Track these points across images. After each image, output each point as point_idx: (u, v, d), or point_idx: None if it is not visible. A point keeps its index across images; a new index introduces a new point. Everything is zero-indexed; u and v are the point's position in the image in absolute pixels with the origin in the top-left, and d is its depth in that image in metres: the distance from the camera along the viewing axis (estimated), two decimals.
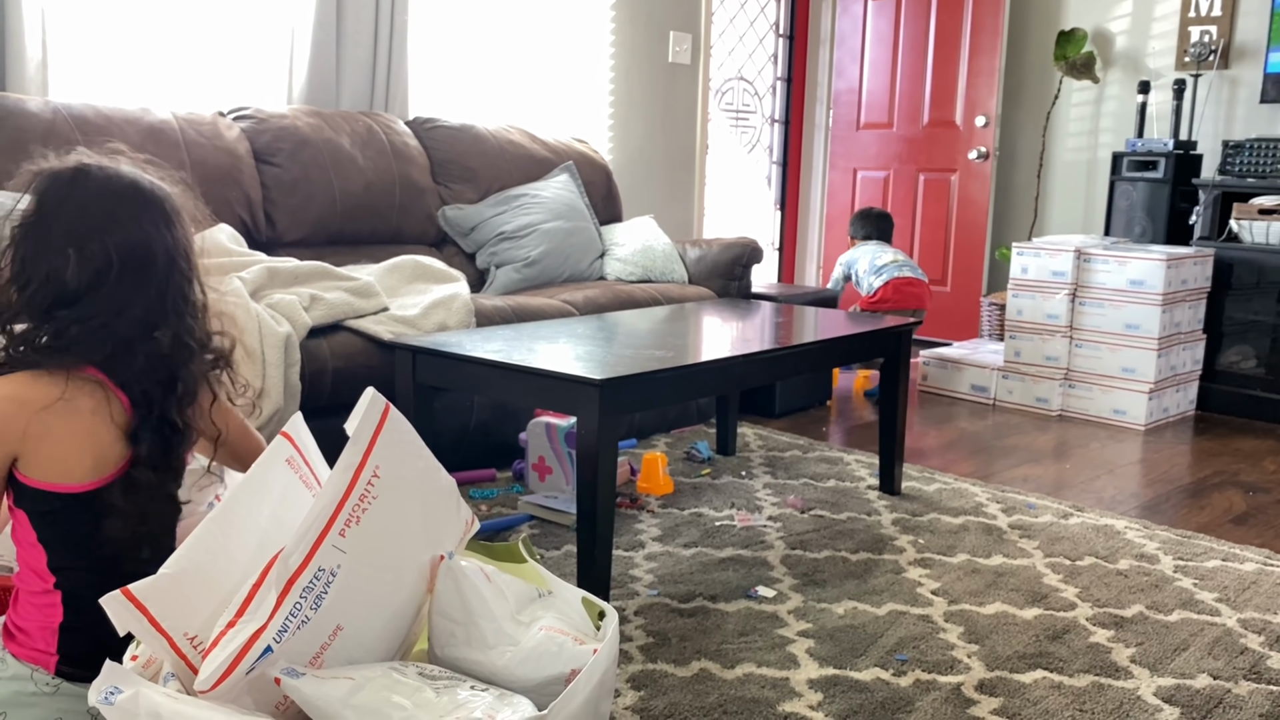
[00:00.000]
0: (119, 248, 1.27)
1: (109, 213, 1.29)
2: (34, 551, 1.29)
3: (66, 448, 1.24)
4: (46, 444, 1.23)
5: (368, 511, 1.15)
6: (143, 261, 1.28)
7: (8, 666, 1.30)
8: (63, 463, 1.24)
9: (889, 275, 4.24)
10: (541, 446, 2.79)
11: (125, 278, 1.27)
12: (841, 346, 2.68)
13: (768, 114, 5.61)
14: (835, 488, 2.94)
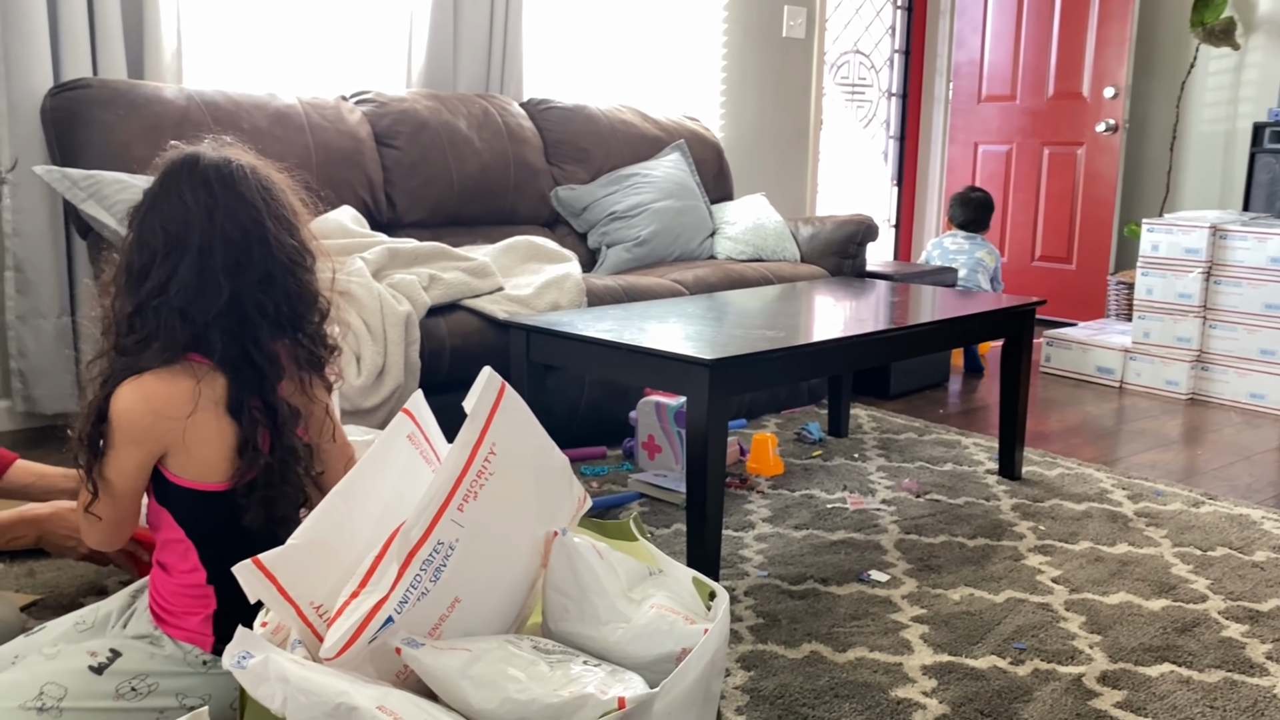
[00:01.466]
0: (166, 223, 1.28)
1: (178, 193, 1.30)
2: (182, 547, 1.35)
3: (209, 445, 1.29)
4: (192, 443, 1.28)
5: (485, 487, 1.18)
6: (184, 237, 1.28)
7: (164, 646, 1.37)
8: (206, 461, 1.30)
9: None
10: (651, 425, 2.80)
11: (180, 256, 1.28)
12: (959, 327, 2.61)
13: (884, 88, 5.48)
14: (952, 471, 2.87)
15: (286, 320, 1.35)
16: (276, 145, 2.98)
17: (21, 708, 1.28)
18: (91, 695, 1.32)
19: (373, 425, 2.48)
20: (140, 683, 1.35)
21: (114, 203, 2.59)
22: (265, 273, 1.32)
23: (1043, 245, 5.27)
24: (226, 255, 1.29)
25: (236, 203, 1.32)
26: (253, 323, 1.31)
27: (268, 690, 1.05)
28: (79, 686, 1.31)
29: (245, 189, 1.34)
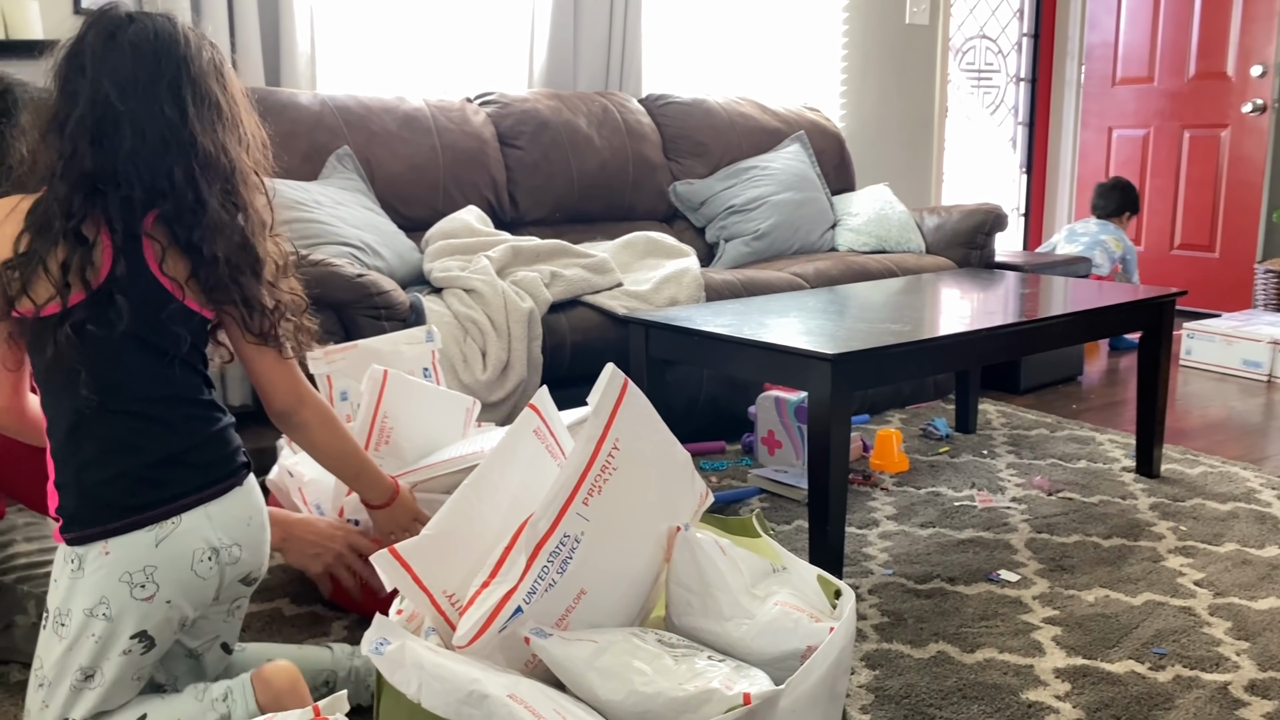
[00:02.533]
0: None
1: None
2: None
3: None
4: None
5: (609, 481, 1.19)
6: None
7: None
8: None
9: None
10: (771, 420, 2.78)
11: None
12: (1094, 319, 2.52)
13: (1012, 73, 5.32)
14: (1086, 469, 2.77)
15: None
16: (405, 148, 3.08)
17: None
18: (47, 648, 1.34)
19: (497, 419, 2.54)
20: (60, 615, 1.33)
21: None
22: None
23: (1183, 233, 5.03)
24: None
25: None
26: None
27: (404, 676, 1.09)
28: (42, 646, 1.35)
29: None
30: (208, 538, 1.35)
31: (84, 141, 1.27)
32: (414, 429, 1.87)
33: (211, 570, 1.36)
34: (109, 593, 1.31)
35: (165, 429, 1.34)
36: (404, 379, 1.88)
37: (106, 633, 1.32)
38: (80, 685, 1.33)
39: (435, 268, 2.77)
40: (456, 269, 2.73)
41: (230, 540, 1.37)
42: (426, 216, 3.07)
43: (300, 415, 1.48)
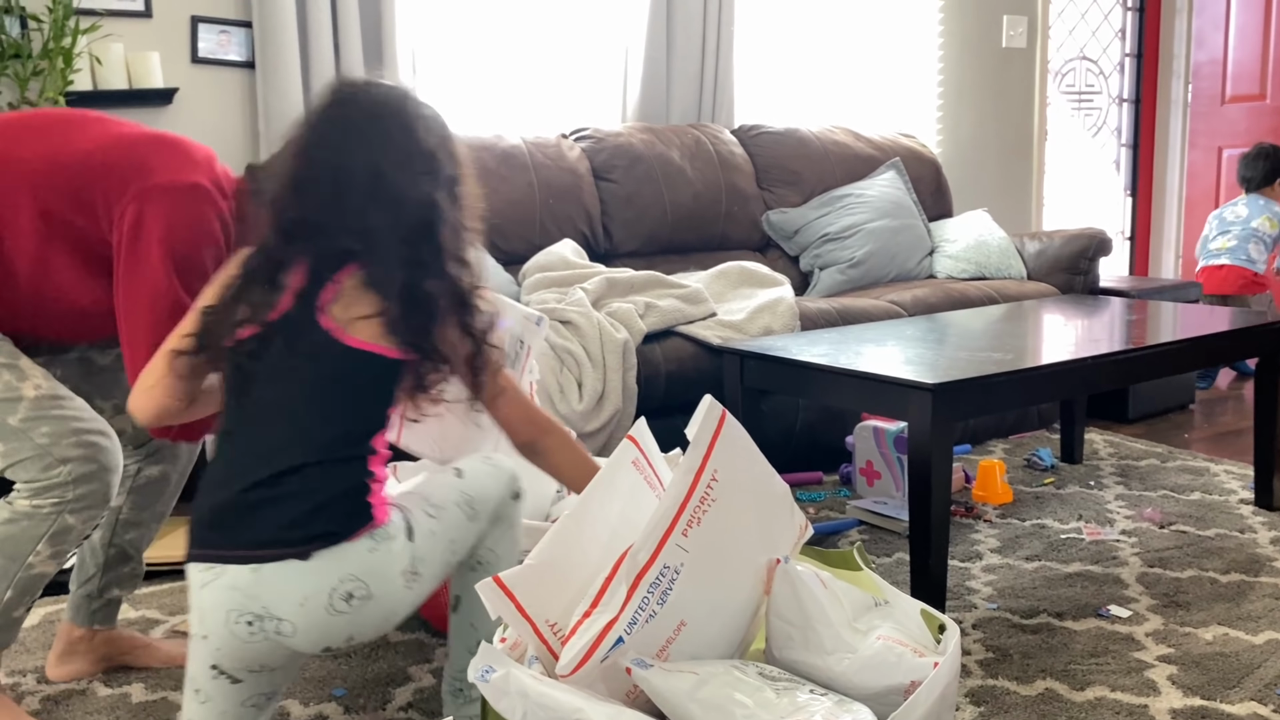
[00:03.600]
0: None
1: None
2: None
3: None
4: None
5: (708, 513, 1.20)
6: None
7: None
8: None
9: (1205, 260, 4.23)
10: (869, 451, 2.75)
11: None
12: (1205, 346, 2.43)
13: (1115, 93, 5.19)
14: (1200, 501, 2.67)
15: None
16: (503, 185, 3.15)
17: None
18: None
19: (593, 449, 2.56)
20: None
21: None
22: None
23: None
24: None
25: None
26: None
27: (509, 704, 1.10)
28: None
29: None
30: (242, 603, 1.27)
31: (300, 195, 1.36)
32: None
33: (254, 635, 1.28)
34: (196, 617, 1.33)
35: (258, 469, 1.29)
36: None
37: (198, 653, 1.34)
38: (192, 697, 1.37)
39: (532, 300, 2.82)
40: (553, 301, 2.78)
41: (272, 614, 1.27)
42: (524, 250, 3.13)
43: (544, 443, 1.49)
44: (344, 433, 1.33)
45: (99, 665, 1.88)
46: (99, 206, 1.54)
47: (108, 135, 1.58)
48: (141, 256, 1.52)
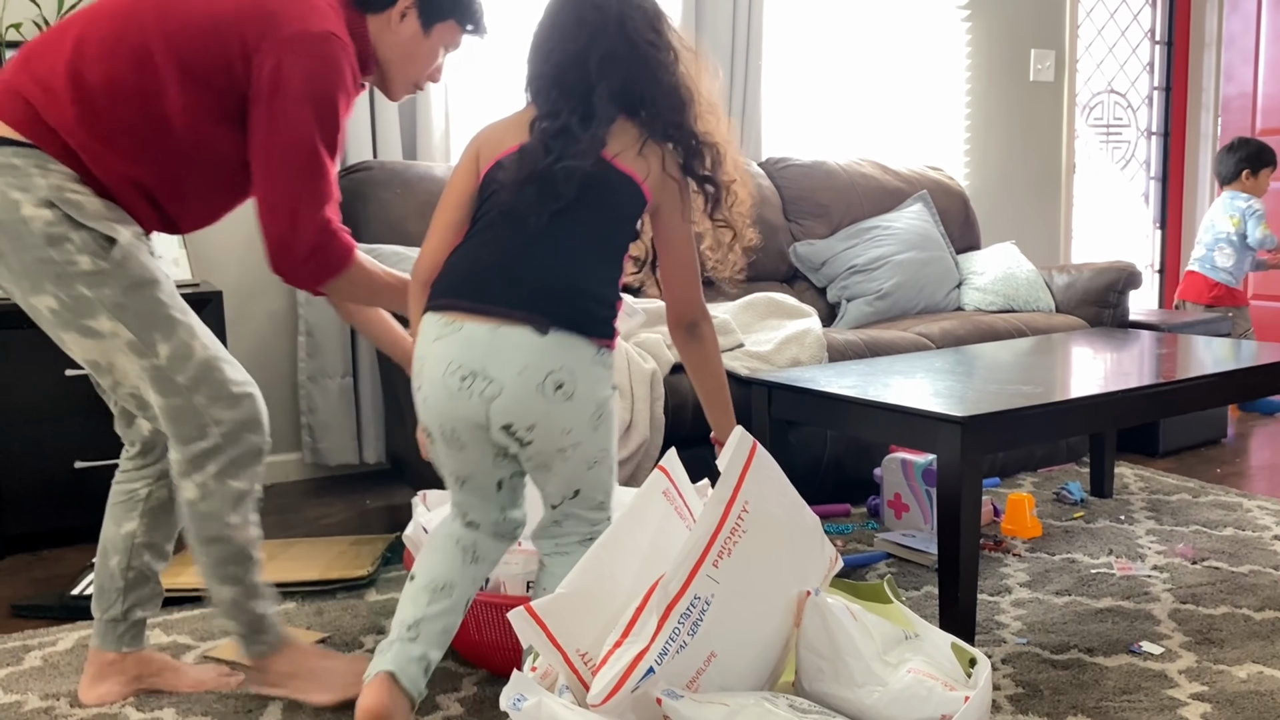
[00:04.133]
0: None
1: None
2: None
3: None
4: None
5: (738, 544, 1.20)
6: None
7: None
8: None
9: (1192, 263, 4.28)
10: (898, 483, 2.74)
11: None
12: (1236, 381, 2.42)
13: (1143, 127, 5.19)
14: (1233, 537, 2.64)
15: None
16: None
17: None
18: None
19: (620, 480, 2.56)
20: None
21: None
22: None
23: None
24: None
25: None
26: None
27: None
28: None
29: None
30: (465, 358, 1.44)
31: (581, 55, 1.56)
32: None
33: (460, 391, 1.44)
34: (417, 366, 1.51)
35: (527, 245, 1.48)
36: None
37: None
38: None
39: None
40: None
41: (487, 373, 1.43)
42: None
43: (703, 328, 1.69)
44: (610, 247, 1.54)
45: (130, 687, 1.90)
46: (235, 61, 1.58)
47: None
48: (281, 105, 1.56)
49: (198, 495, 1.68)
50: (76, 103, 1.57)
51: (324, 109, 1.58)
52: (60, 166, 1.58)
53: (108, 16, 1.61)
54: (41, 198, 1.56)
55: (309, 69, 1.57)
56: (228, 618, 1.78)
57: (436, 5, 1.73)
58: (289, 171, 1.57)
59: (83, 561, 2.54)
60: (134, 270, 1.62)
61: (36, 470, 2.69)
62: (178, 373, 1.63)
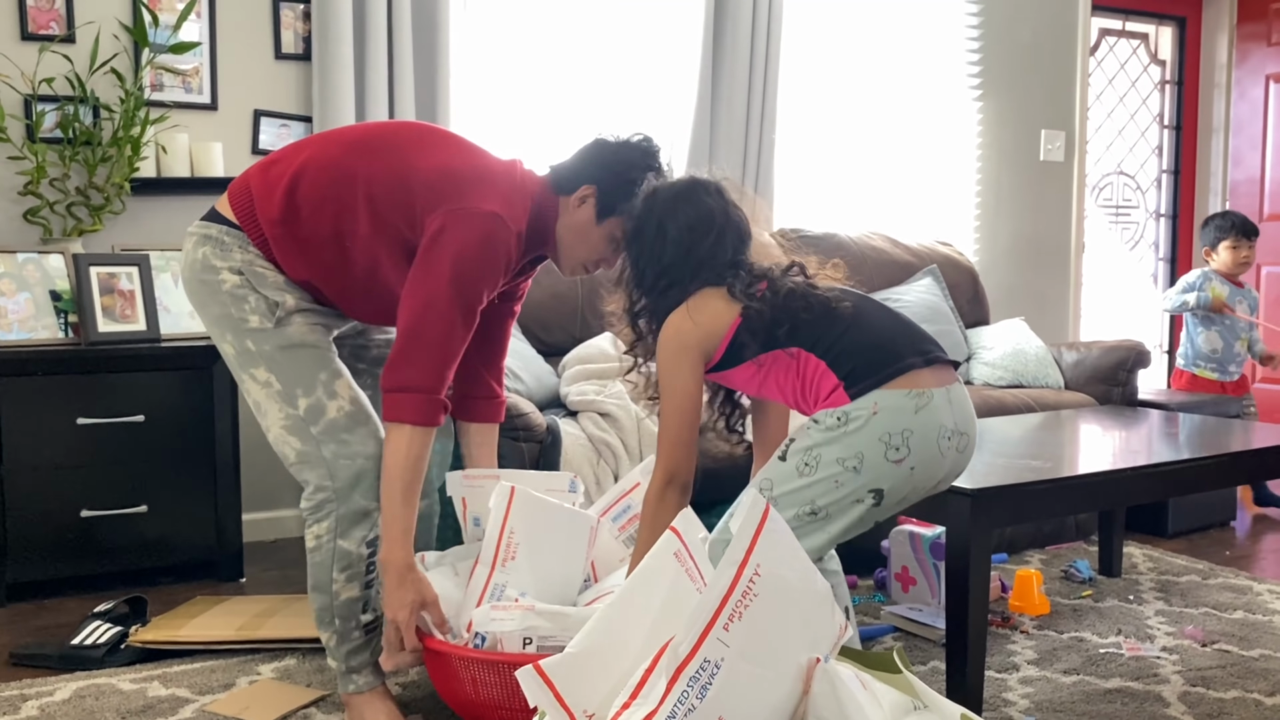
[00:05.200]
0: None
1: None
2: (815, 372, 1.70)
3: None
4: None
5: (749, 608, 1.20)
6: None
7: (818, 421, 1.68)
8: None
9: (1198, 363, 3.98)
10: (905, 556, 2.73)
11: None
12: (1245, 462, 2.41)
13: (1152, 209, 5.25)
14: (1243, 620, 2.61)
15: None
16: (546, 276, 3.20)
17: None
18: (784, 478, 1.65)
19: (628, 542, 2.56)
20: (809, 454, 1.64)
21: None
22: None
23: None
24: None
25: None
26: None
27: None
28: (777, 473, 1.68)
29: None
30: (954, 421, 1.64)
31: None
32: (540, 546, 1.91)
33: (952, 452, 1.64)
34: (867, 451, 1.61)
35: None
36: (531, 496, 1.92)
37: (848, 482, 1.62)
38: (805, 519, 1.63)
39: (572, 391, 2.86)
40: (592, 393, 2.81)
41: (965, 431, 1.66)
42: (565, 342, 3.18)
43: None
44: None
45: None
46: (417, 216, 1.85)
47: (440, 165, 1.88)
48: (433, 261, 1.80)
49: (313, 545, 1.89)
50: (285, 206, 1.87)
51: (465, 278, 1.80)
52: (256, 250, 1.90)
53: (336, 144, 1.92)
54: (234, 266, 1.89)
55: (464, 239, 1.80)
56: (329, 655, 1.94)
57: (611, 200, 1.93)
58: (420, 318, 1.80)
59: (85, 611, 2.52)
60: (292, 333, 1.89)
61: (43, 518, 2.69)
62: (311, 424, 1.86)
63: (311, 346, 1.91)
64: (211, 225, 1.93)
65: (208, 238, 1.92)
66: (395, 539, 1.80)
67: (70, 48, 3.01)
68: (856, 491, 1.63)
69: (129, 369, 2.78)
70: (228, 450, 2.89)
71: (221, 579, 2.89)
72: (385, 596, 1.81)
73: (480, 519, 2.07)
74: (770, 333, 1.69)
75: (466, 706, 1.86)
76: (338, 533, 1.87)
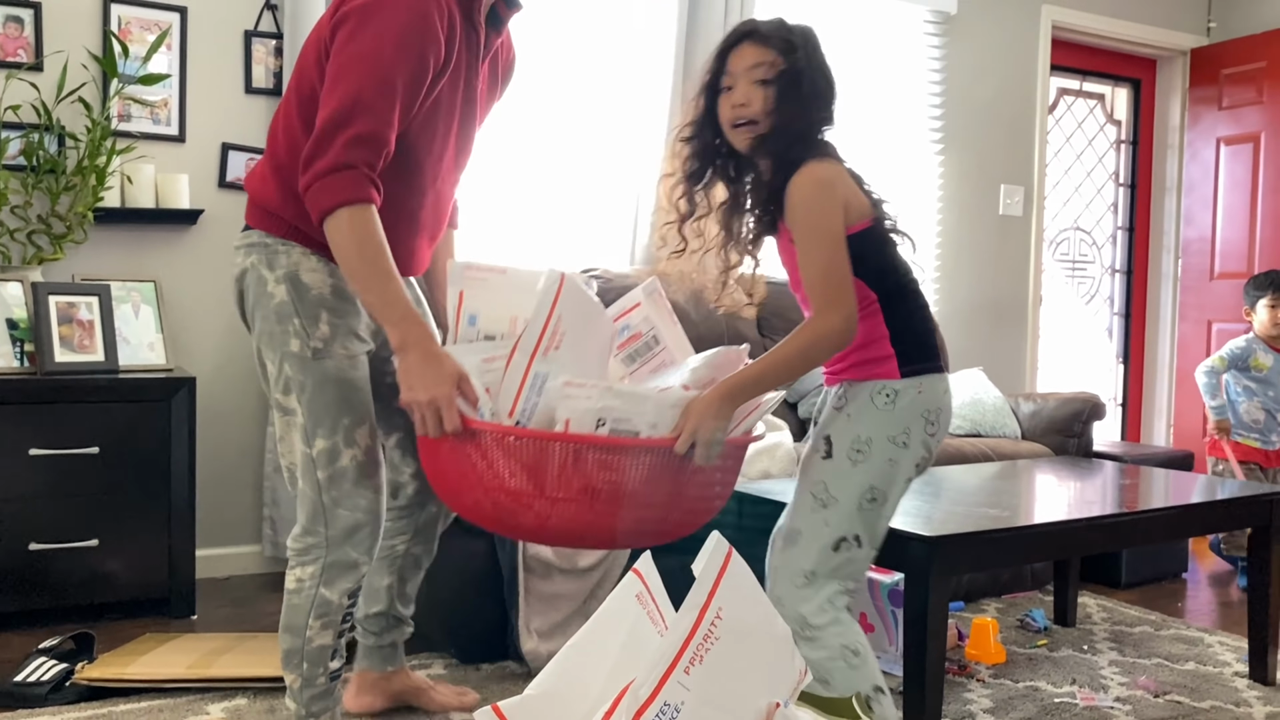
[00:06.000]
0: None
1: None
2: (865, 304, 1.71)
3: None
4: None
5: (710, 651, 1.20)
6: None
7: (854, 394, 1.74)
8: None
9: (1239, 433, 3.77)
10: (863, 602, 2.73)
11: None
12: (1198, 514, 2.46)
13: (1107, 264, 5.36)
14: (1195, 671, 2.64)
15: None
16: None
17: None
18: (837, 473, 1.69)
19: (587, 587, 2.55)
20: (859, 443, 1.69)
21: None
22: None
23: None
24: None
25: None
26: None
27: None
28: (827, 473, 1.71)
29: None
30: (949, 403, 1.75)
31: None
32: (581, 340, 1.70)
33: (944, 432, 1.73)
34: (912, 425, 1.68)
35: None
36: (579, 287, 1.70)
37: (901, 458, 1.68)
38: (866, 506, 1.68)
39: None
40: None
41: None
42: None
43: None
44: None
45: (389, 702, 2.18)
46: (325, 52, 1.75)
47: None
48: (356, 26, 1.68)
49: (294, 587, 1.84)
50: (276, 181, 1.82)
51: (407, 36, 1.66)
52: (301, 248, 1.82)
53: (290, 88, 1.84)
54: (280, 275, 1.81)
55: (390, 12, 1.67)
56: (289, 696, 1.90)
57: None
58: (346, 83, 1.66)
59: (29, 647, 2.46)
60: (329, 367, 1.81)
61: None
62: (321, 468, 1.81)
63: (346, 386, 1.83)
64: (253, 233, 1.86)
65: (253, 246, 1.85)
66: (401, 317, 1.66)
67: (38, 75, 3.00)
68: (905, 467, 1.70)
69: (85, 400, 2.74)
70: (183, 484, 2.85)
71: (172, 615, 2.84)
72: (412, 379, 1.63)
73: (476, 316, 1.87)
74: (879, 265, 1.71)
75: (485, 501, 1.65)
76: (322, 580, 1.82)
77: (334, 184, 1.65)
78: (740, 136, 1.71)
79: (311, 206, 1.68)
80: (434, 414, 1.61)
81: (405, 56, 1.67)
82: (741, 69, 1.69)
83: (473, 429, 1.60)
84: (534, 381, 1.62)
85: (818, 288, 1.65)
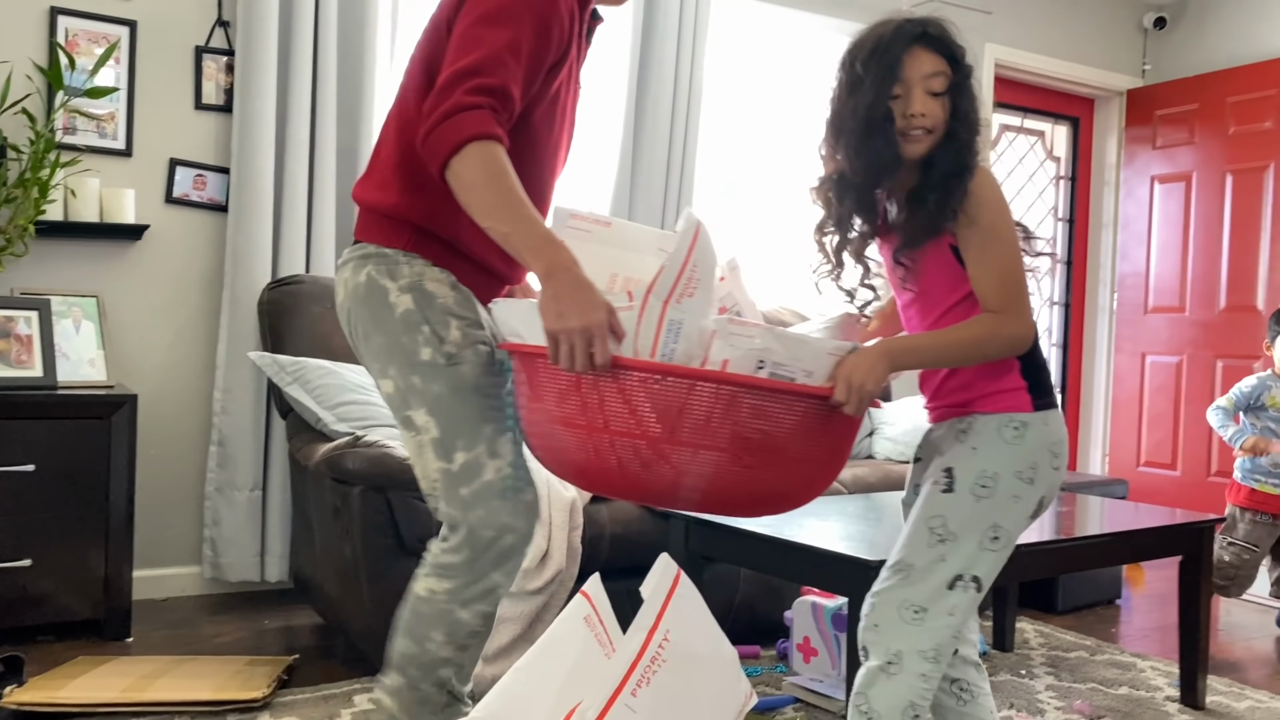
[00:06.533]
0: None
1: None
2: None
3: None
4: None
5: (658, 674, 1.21)
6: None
7: (977, 428, 1.66)
8: None
9: (1256, 478, 3.45)
10: (807, 626, 2.76)
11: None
12: (1130, 541, 2.52)
13: (1046, 296, 5.49)
14: (1128, 696, 2.70)
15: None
16: None
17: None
18: (958, 508, 1.59)
19: (532, 609, 2.54)
20: (984, 478, 1.59)
21: (316, 387, 2.82)
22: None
23: (1219, 460, 5.04)
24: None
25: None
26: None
27: None
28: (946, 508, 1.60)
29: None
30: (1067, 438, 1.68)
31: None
32: (708, 289, 1.58)
33: (1064, 469, 1.66)
34: (1039, 460, 1.59)
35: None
36: (709, 237, 1.59)
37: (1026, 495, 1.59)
38: (987, 545, 1.58)
39: None
40: None
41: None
42: None
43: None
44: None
45: None
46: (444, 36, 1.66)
47: None
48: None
49: (425, 595, 1.66)
50: (398, 180, 1.69)
51: (539, 8, 1.58)
52: (422, 260, 1.68)
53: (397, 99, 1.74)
54: (404, 285, 1.66)
55: None
56: (384, 692, 1.69)
57: None
58: (471, 46, 1.55)
59: None
60: (465, 373, 1.65)
61: None
62: (463, 484, 1.64)
63: (484, 394, 1.67)
64: (367, 246, 1.72)
65: (367, 257, 1.71)
66: (545, 240, 1.50)
67: None
68: (1028, 504, 1.61)
69: (21, 416, 2.68)
70: (122, 503, 2.79)
71: (107, 638, 2.78)
72: (562, 304, 1.45)
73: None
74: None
75: (612, 455, 1.50)
76: (459, 601, 1.62)
77: (460, 121, 1.50)
78: (916, 145, 1.61)
79: (434, 152, 1.52)
80: (585, 344, 1.43)
81: (533, 27, 1.59)
82: (918, 76, 1.59)
83: (624, 364, 1.44)
84: (670, 327, 1.47)
85: (996, 288, 1.57)
